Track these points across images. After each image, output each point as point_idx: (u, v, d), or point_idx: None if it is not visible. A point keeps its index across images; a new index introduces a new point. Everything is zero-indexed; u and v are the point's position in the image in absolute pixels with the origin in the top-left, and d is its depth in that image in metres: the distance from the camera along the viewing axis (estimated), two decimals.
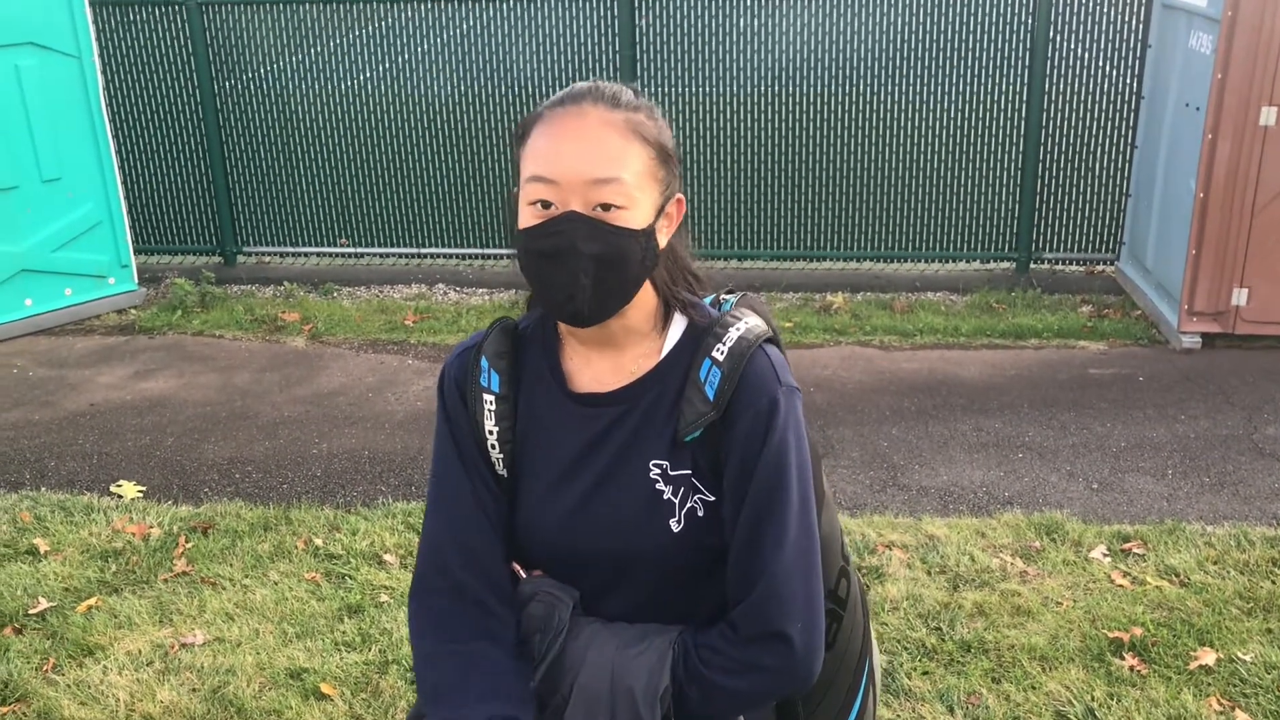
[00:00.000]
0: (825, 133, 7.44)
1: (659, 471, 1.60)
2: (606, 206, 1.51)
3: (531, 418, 1.66)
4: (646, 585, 1.63)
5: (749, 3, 7.32)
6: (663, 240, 1.60)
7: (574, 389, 1.65)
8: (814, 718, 1.73)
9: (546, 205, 1.52)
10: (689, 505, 1.60)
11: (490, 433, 1.65)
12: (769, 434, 1.56)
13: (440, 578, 1.66)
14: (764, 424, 1.56)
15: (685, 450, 1.60)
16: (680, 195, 1.63)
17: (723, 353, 1.58)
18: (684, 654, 1.59)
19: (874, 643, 1.90)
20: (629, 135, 1.53)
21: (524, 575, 1.68)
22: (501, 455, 1.66)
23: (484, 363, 1.66)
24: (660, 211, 1.58)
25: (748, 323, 1.63)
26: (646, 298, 1.62)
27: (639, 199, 1.54)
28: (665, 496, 1.59)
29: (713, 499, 1.60)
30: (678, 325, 1.66)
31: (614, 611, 1.65)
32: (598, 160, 1.51)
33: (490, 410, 1.65)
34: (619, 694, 1.56)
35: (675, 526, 1.59)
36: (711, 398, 1.57)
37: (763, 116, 7.46)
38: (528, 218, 1.54)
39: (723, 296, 1.74)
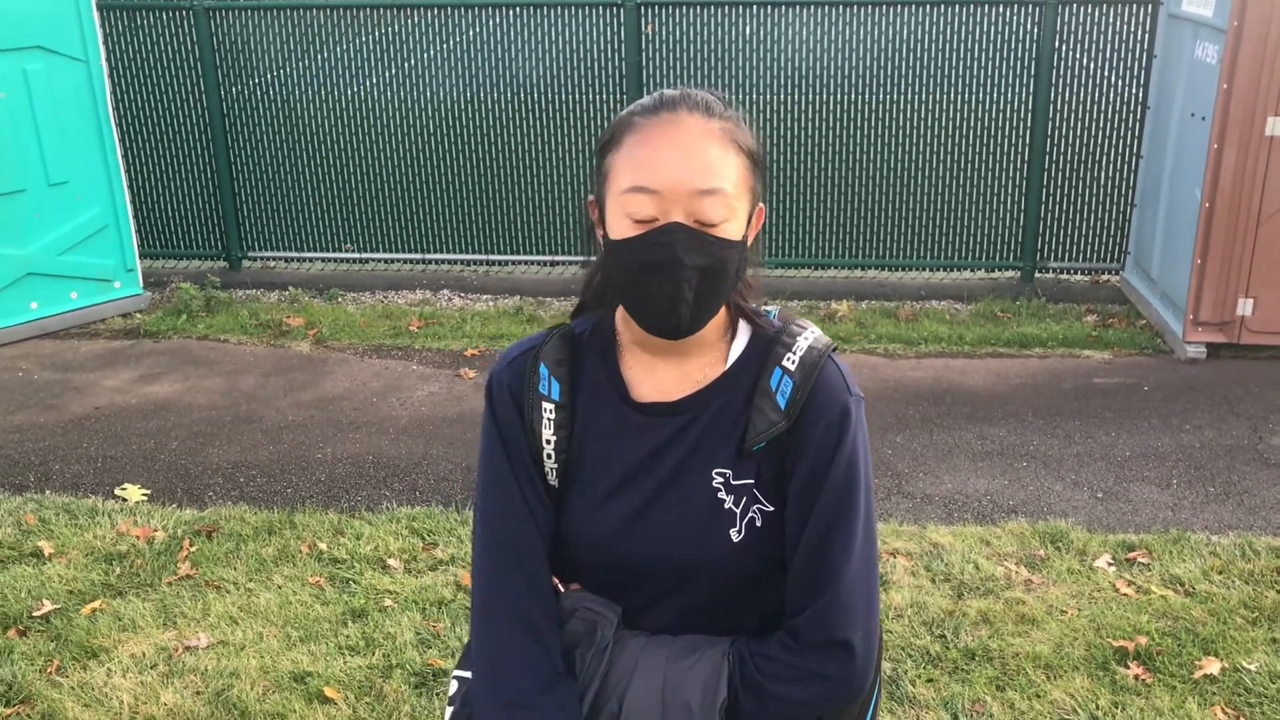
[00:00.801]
0: (830, 140, 7.45)
1: (722, 481, 1.58)
2: (712, 220, 1.49)
3: (589, 426, 1.63)
4: (700, 595, 1.61)
5: (754, 11, 7.33)
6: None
7: (636, 398, 1.62)
8: None
9: (648, 218, 1.49)
10: (749, 515, 1.58)
11: (548, 442, 1.62)
12: (841, 444, 1.55)
13: (503, 602, 1.62)
14: (836, 434, 1.55)
15: (750, 460, 1.58)
16: (762, 204, 1.61)
17: (794, 362, 1.57)
18: (740, 663, 1.57)
19: (881, 660, 1.89)
20: (727, 144, 1.52)
21: (562, 589, 1.66)
22: (556, 465, 1.63)
23: (543, 369, 1.63)
24: (749, 221, 1.57)
25: (814, 332, 1.62)
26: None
27: (738, 209, 1.52)
28: (727, 506, 1.58)
29: (771, 509, 1.58)
30: (743, 334, 1.64)
31: (662, 622, 1.63)
32: (701, 171, 1.48)
33: (549, 419, 1.61)
34: (673, 708, 1.55)
35: (735, 536, 1.57)
36: (783, 407, 1.56)
37: (768, 124, 7.47)
38: (625, 228, 1.50)
39: (763, 307, 1.72)
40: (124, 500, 4.74)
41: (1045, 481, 4.85)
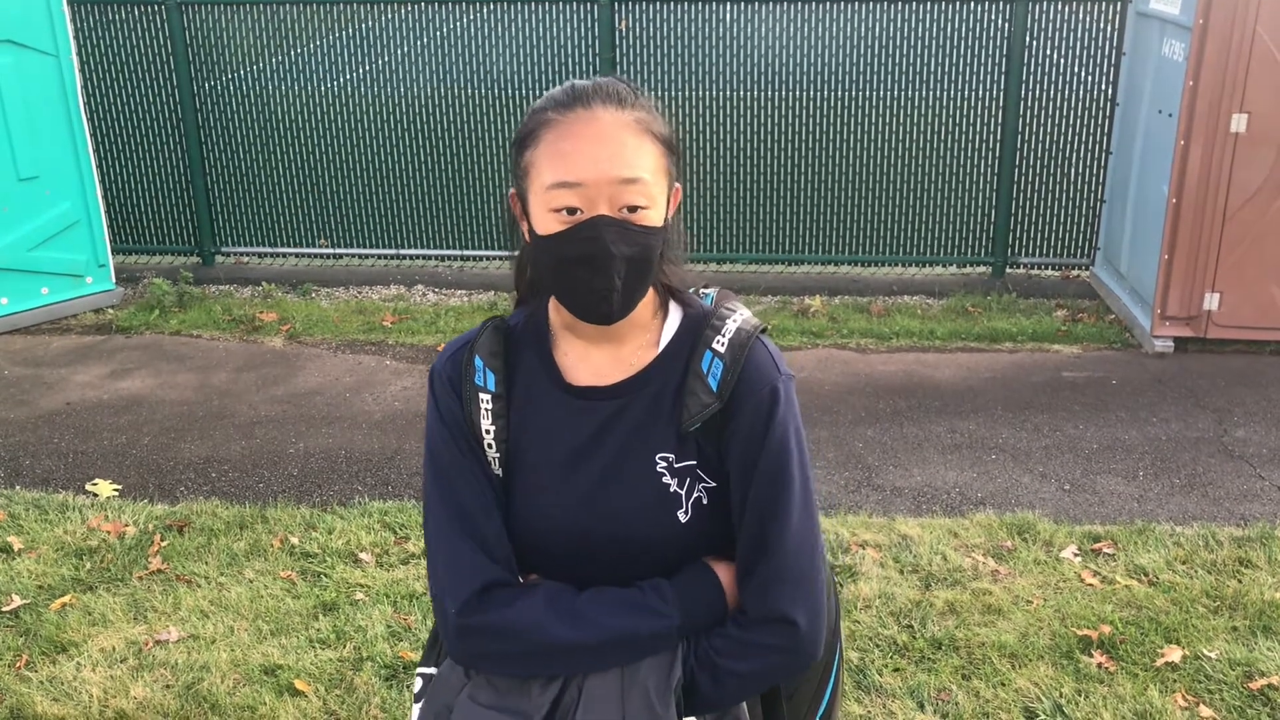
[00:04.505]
0: (804, 136, 7.49)
1: (665, 465, 1.62)
2: (633, 208, 1.53)
3: (527, 415, 1.66)
4: (652, 569, 1.65)
5: (728, 7, 7.36)
6: None
7: (572, 383, 1.66)
8: (791, 702, 1.77)
9: (572, 211, 1.53)
10: (695, 495, 1.62)
11: (487, 431, 1.65)
12: (771, 422, 1.59)
13: (465, 560, 1.63)
14: (766, 413, 1.59)
15: (690, 440, 1.62)
16: (678, 184, 1.66)
17: (723, 344, 1.61)
18: (694, 643, 1.61)
19: (842, 637, 1.92)
20: (641, 134, 1.56)
21: (520, 580, 1.67)
22: (498, 454, 1.66)
23: (478, 362, 1.67)
24: (667, 203, 1.62)
25: (743, 314, 1.67)
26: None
27: (657, 196, 1.57)
28: (672, 489, 1.61)
29: (714, 485, 1.63)
30: (674, 316, 1.68)
31: None
32: (620, 163, 1.52)
33: (486, 409, 1.65)
34: (631, 690, 1.58)
35: (683, 517, 1.62)
36: (715, 389, 1.60)
37: (741, 120, 7.50)
38: (551, 224, 1.54)
39: (702, 291, 1.76)
40: (95, 495, 4.72)
41: (1013, 474, 4.90)
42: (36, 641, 3.67)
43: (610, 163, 1.52)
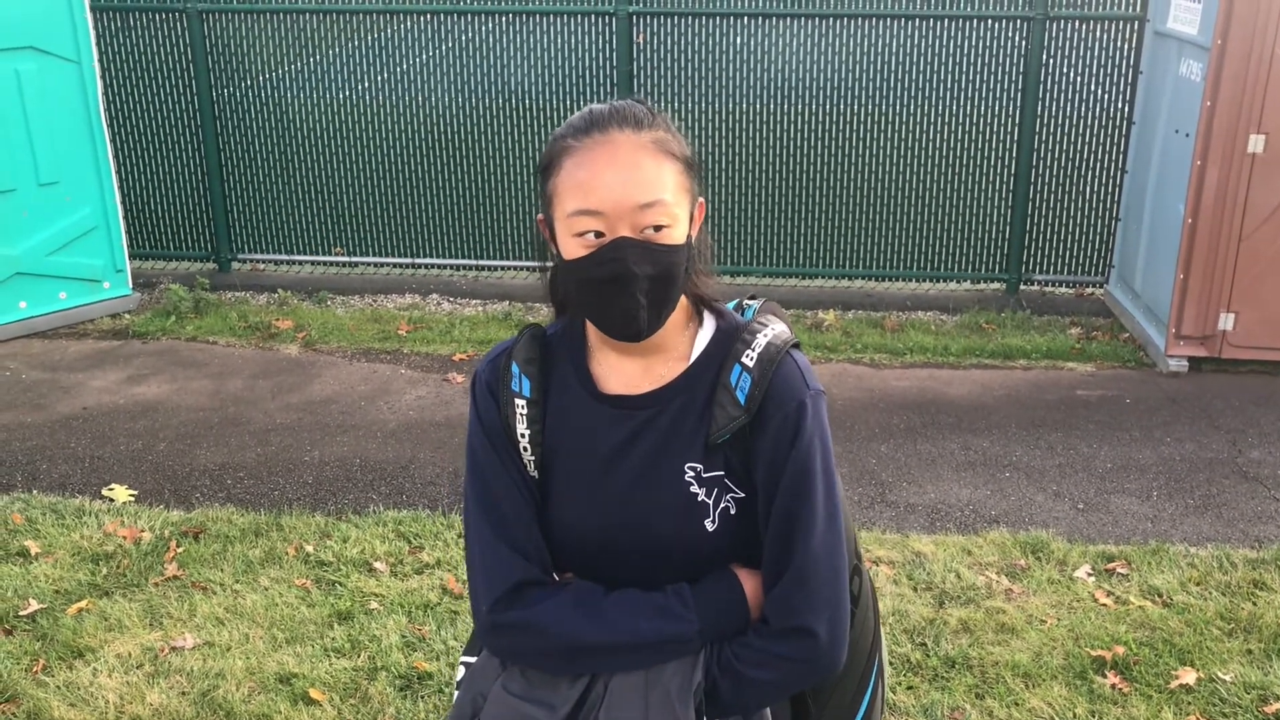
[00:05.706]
0: (819, 151, 7.51)
1: (693, 474, 1.66)
2: (656, 228, 1.57)
3: (561, 421, 1.71)
4: (681, 572, 1.69)
5: (745, 22, 7.38)
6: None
7: (604, 391, 1.71)
8: (825, 710, 1.80)
9: (598, 234, 1.57)
10: (722, 505, 1.66)
11: (522, 435, 1.70)
12: (797, 436, 1.63)
13: (503, 560, 1.68)
14: (792, 427, 1.63)
15: (718, 451, 1.66)
16: (701, 199, 1.69)
17: (752, 359, 1.65)
18: (718, 649, 1.65)
19: (883, 640, 1.95)
20: (660, 155, 1.59)
21: (555, 578, 1.73)
22: (533, 458, 1.71)
23: (515, 368, 1.72)
24: (691, 219, 1.65)
25: (774, 329, 1.70)
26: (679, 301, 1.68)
27: (678, 214, 1.60)
28: (700, 499, 1.66)
29: (743, 495, 1.66)
30: (706, 328, 1.72)
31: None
32: (639, 186, 1.56)
33: (521, 414, 1.70)
34: (653, 690, 1.62)
35: (710, 526, 1.66)
36: (743, 402, 1.63)
37: (758, 134, 7.52)
38: (576, 249, 1.59)
39: (745, 302, 1.80)
40: (111, 500, 4.75)
41: (1027, 492, 4.90)
42: (53, 646, 3.69)
43: (629, 187, 1.55)
